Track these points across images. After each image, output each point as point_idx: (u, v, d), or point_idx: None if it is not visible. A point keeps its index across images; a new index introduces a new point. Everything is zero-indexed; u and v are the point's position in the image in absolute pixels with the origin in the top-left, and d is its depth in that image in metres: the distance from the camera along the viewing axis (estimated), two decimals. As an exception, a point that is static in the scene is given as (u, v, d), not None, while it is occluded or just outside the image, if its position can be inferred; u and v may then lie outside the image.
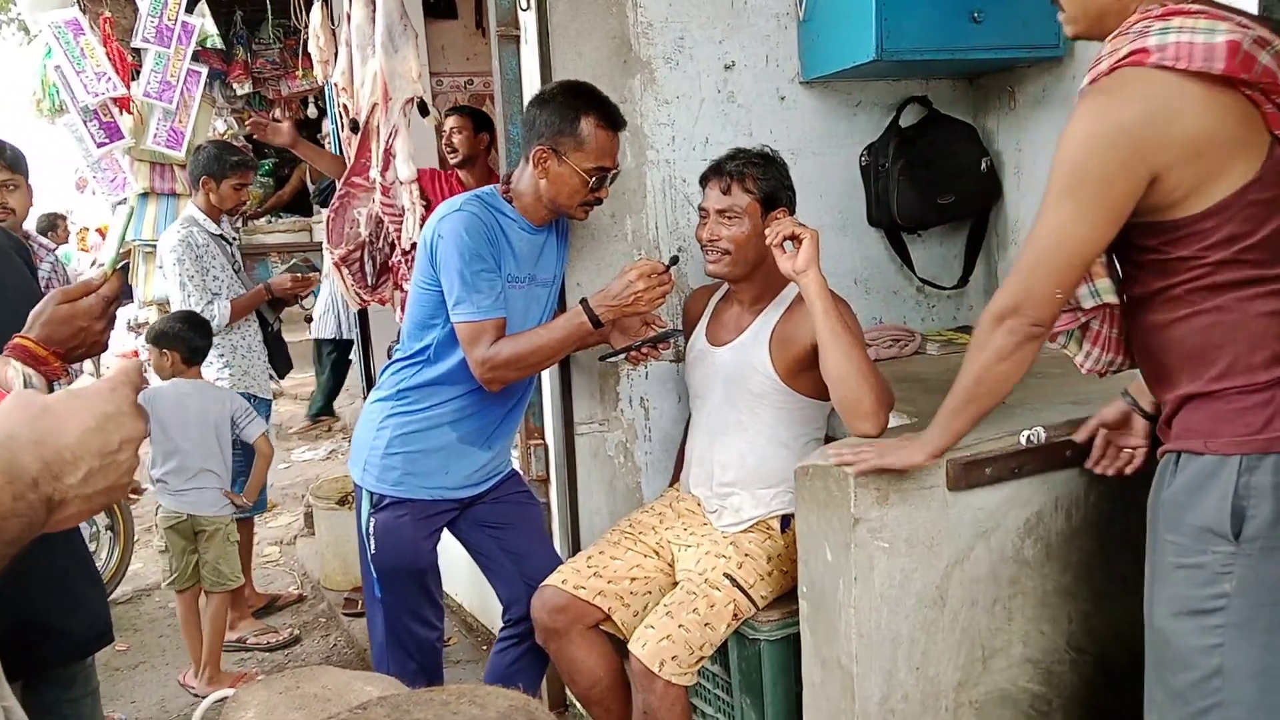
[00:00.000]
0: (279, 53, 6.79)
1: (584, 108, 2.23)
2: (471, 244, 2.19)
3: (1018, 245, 2.96)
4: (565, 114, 2.22)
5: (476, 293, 2.18)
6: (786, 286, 2.33)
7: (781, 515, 2.31)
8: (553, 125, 2.22)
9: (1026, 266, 1.57)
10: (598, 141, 2.23)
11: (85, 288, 1.64)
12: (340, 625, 3.96)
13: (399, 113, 3.11)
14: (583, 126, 2.21)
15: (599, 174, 2.26)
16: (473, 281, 2.18)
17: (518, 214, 2.31)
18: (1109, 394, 2.20)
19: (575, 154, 2.22)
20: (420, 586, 2.45)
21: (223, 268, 3.76)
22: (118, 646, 3.90)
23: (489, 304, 2.19)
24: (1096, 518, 2.06)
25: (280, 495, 5.59)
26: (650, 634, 2.15)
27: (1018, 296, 1.57)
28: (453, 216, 2.23)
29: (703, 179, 2.37)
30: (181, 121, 4.92)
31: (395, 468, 2.36)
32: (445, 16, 4.89)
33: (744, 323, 2.36)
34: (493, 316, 2.20)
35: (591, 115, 2.23)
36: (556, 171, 2.24)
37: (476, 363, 2.21)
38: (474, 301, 2.18)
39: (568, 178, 2.24)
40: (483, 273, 2.19)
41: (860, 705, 1.89)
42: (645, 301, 2.20)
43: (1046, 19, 2.61)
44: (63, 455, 0.78)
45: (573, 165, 2.23)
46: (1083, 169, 1.51)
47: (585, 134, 2.21)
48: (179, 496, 3.38)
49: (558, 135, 2.22)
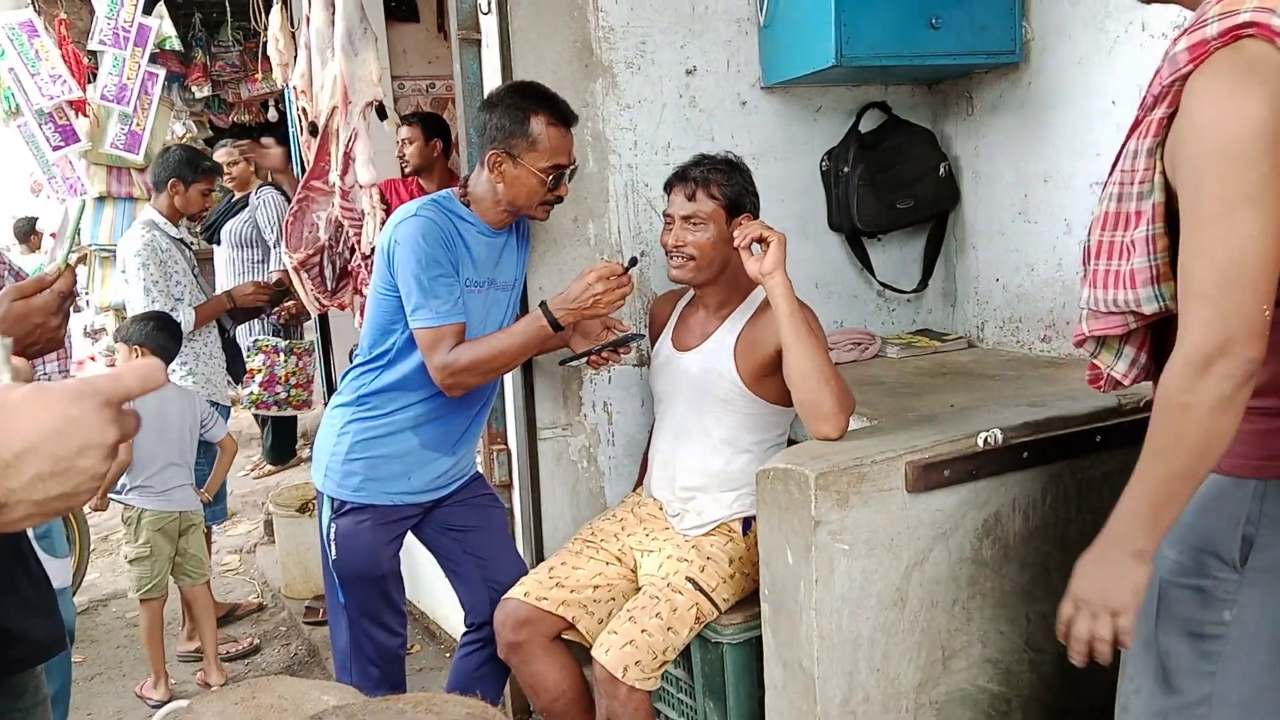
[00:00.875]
0: (238, 55, 6.73)
1: (533, 107, 2.22)
2: (428, 249, 2.17)
3: (976, 249, 3.00)
4: (515, 115, 2.21)
5: (435, 298, 2.17)
6: (752, 293, 2.34)
7: (743, 518, 2.32)
8: (503, 128, 2.21)
9: (1216, 292, 1.27)
10: (550, 140, 2.22)
11: (39, 283, 1.60)
12: (301, 634, 3.92)
13: (359, 116, 3.09)
14: (533, 126, 2.20)
15: (555, 172, 2.25)
16: (430, 287, 2.17)
17: (476, 218, 2.30)
18: (1065, 396, 2.23)
19: (529, 154, 2.21)
20: (382, 593, 2.43)
21: (184, 273, 3.72)
22: (74, 658, 3.83)
23: (447, 309, 2.18)
24: (1053, 519, 2.08)
25: (240, 503, 5.53)
26: (613, 640, 2.15)
27: (1221, 331, 1.26)
28: (409, 221, 2.21)
29: (667, 185, 2.37)
30: (139, 125, 4.86)
31: (356, 473, 2.34)
32: (406, 20, 4.87)
33: (709, 329, 2.37)
34: (451, 322, 2.19)
35: (541, 114, 2.21)
36: (513, 174, 2.23)
37: (436, 369, 2.19)
38: (432, 307, 2.17)
39: (524, 179, 2.23)
40: (440, 278, 2.18)
41: (822, 707, 1.90)
42: (605, 304, 2.19)
43: (1004, 25, 2.66)
44: (2, 457, 0.73)
45: (528, 166, 2.21)
46: (1256, 165, 1.24)
47: (537, 133, 2.20)
48: (166, 497, 3.39)
49: (509, 137, 2.21)
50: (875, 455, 1.86)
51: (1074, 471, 2.09)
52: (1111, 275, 1.42)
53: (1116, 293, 1.41)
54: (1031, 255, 2.81)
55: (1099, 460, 2.11)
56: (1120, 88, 2.46)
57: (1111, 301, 1.43)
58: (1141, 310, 1.40)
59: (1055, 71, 2.66)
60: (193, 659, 3.70)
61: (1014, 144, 2.82)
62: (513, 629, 2.31)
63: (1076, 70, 2.59)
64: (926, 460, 1.90)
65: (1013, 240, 2.87)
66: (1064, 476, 2.07)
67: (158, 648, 3.44)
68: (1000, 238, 2.91)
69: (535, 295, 2.58)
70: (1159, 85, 1.34)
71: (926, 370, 2.71)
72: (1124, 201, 1.40)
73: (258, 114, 7.41)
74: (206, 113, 7.51)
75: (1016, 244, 2.85)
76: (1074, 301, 2.67)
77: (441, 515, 2.49)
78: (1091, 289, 1.46)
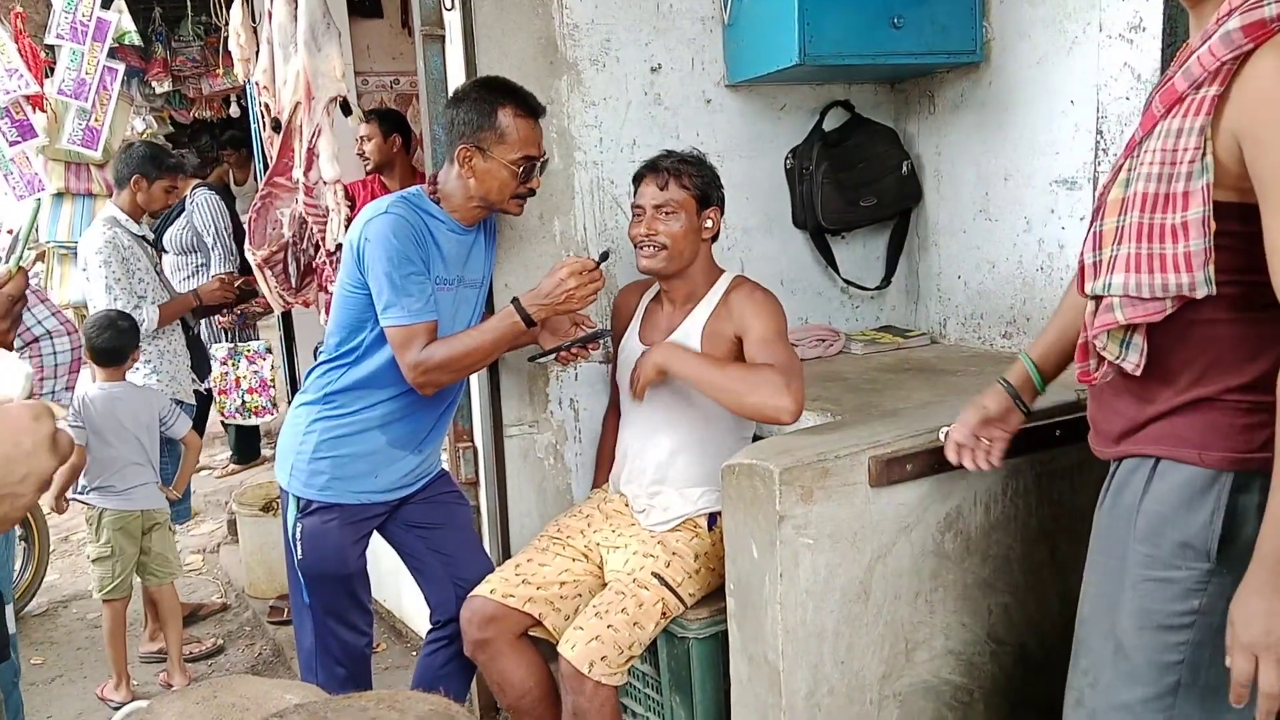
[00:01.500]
0: (199, 50, 6.64)
1: (500, 99, 2.21)
2: (400, 247, 2.16)
3: (938, 246, 3.03)
4: (482, 109, 2.20)
5: (407, 296, 2.16)
6: (715, 284, 2.37)
7: (708, 513, 2.33)
8: (471, 122, 2.21)
9: None
10: (519, 131, 2.22)
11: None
12: (266, 634, 3.89)
13: (322, 112, 3.06)
14: (501, 118, 2.20)
15: (526, 164, 2.24)
16: (402, 285, 2.15)
17: (446, 215, 2.29)
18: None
19: (499, 147, 2.20)
20: (349, 592, 2.42)
21: (146, 270, 3.69)
22: (33, 660, 3.78)
23: (419, 307, 2.17)
24: (1014, 512, 2.11)
25: (203, 503, 5.47)
26: (579, 635, 2.16)
27: None
28: (380, 219, 2.19)
29: (637, 177, 2.39)
30: (97, 120, 4.77)
31: (323, 472, 2.33)
32: (370, 15, 4.83)
33: (675, 322, 2.38)
34: (424, 320, 2.18)
35: (509, 105, 2.21)
36: (484, 168, 2.22)
37: (409, 367, 2.18)
38: (404, 305, 2.16)
39: (495, 172, 2.22)
40: (412, 275, 2.17)
41: (787, 700, 1.91)
42: (578, 299, 2.20)
43: (964, 25, 2.69)
44: None
45: (498, 159, 2.21)
46: None
47: (505, 125, 2.20)
48: (127, 496, 3.35)
49: (478, 131, 2.20)
50: (839, 450, 1.88)
51: (1034, 465, 2.12)
52: (1156, 259, 1.36)
53: (1165, 277, 1.35)
54: (992, 252, 2.84)
55: (1059, 454, 2.14)
56: (1078, 87, 2.50)
57: (1160, 287, 1.36)
58: (1194, 294, 1.34)
59: (1015, 71, 2.69)
60: (155, 660, 3.66)
61: (975, 142, 2.85)
62: (479, 626, 2.31)
63: (1036, 70, 2.63)
64: (889, 455, 1.92)
65: (974, 238, 2.90)
66: (1024, 470, 2.10)
67: (120, 649, 3.40)
68: (962, 235, 2.94)
69: (501, 292, 2.58)
70: (1207, 64, 1.31)
71: (890, 366, 2.73)
72: (1168, 182, 1.34)
73: (219, 109, 7.32)
74: (167, 108, 7.41)
75: (978, 241, 2.89)
76: (1034, 298, 2.71)
77: (407, 513, 2.48)
78: (1128, 274, 1.39)
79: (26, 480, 0.77)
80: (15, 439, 0.76)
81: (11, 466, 0.75)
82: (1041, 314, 2.69)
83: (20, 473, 0.76)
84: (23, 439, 0.76)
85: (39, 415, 0.78)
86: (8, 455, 0.75)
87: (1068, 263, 2.60)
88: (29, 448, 0.76)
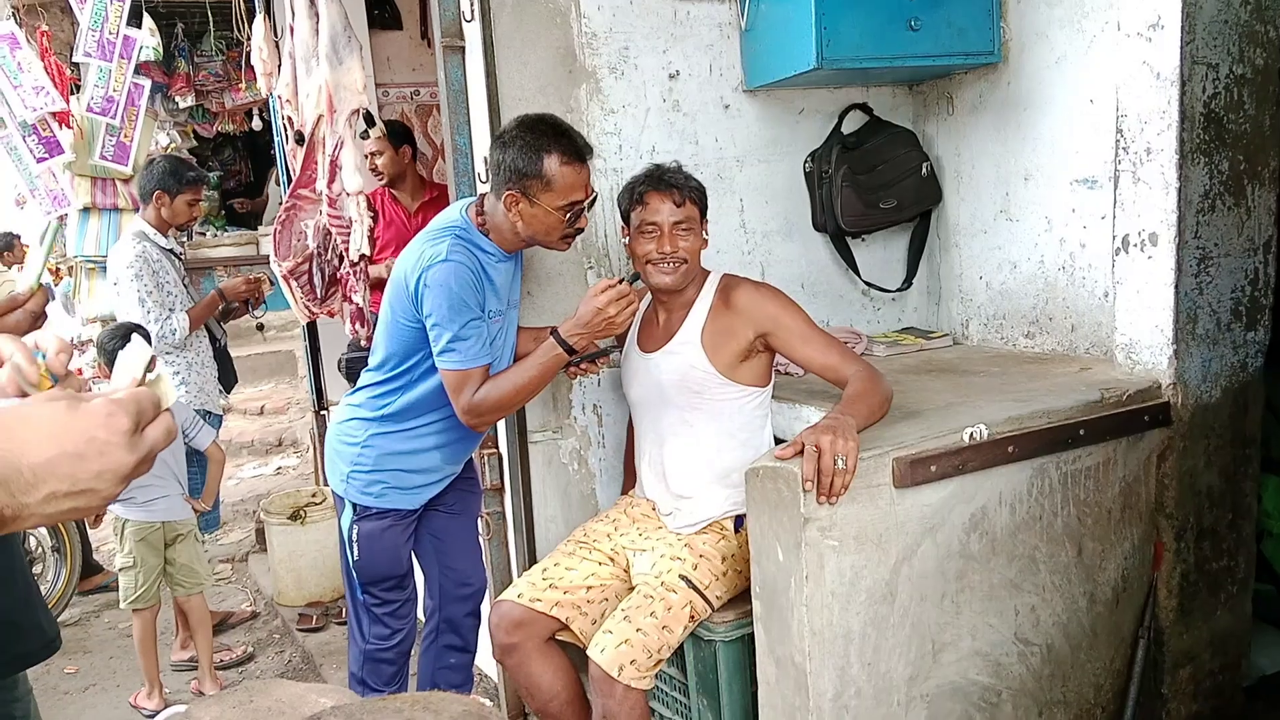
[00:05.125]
0: (221, 65, 6.72)
1: (547, 146, 2.18)
2: (460, 294, 2.18)
3: (959, 248, 3.03)
4: (529, 156, 2.17)
5: (463, 341, 2.19)
6: (704, 286, 2.39)
7: (735, 515, 2.34)
8: (518, 169, 2.18)
9: None
10: (565, 179, 2.19)
11: (11, 303, 1.62)
12: (295, 641, 3.92)
13: (345, 124, 3.10)
14: (547, 166, 2.17)
15: (573, 208, 2.23)
16: (460, 332, 2.19)
17: (495, 246, 2.30)
18: (1049, 391, 2.26)
19: (545, 195, 2.19)
20: (400, 589, 2.56)
21: (175, 283, 3.73)
22: (67, 669, 3.83)
23: (476, 351, 2.21)
24: (1039, 512, 2.11)
25: (230, 512, 5.52)
26: (608, 639, 2.17)
27: None
28: (441, 267, 2.18)
29: (638, 194, 2.33)
30: (127, 136, 4.85)
31: (381, 481, 2.44)
32: (390, 27, 4.87)
33: (674, 326, 2.39)
34: (479, 364, 2.22)
35: (555, 153, 2.17)
36: (530, 214, 2.21)
37: (463, 410, 2.24)
38: (461, 350, 2.19)
39: (542, 218, 2.22)
40: (471, 322, 2.20)
41: (814, 702, 1.92)
42: (617, 324, 2.23)
43: (982, 26, 2.70)
44: (23, 475, 0.74)
45: (545, 206, 2.20)
46: None
47: (551, 173, 2.17)
48: (148, 508, 3.38)
49: (524, 179, 2.18)
50: (863, 452, 1.88)
51: (1058, 465, 2.12)
52: None
53: None
54: (1014, 253, 2.84)
55: (1083, 453, 2.14)
56: (1097, 86, 2.49)
57: None
58: None
59: (1034, 71, 2.69)
60: (186, 668, 3.70)
61: (994, 143, 2.85)
62: (506, 631, 2.32)
63: (1054, 70, 2.62)
64: (913, 456, 1.93)
65: (995, 238, 2.90)
66: (1049, 470, 2.10)
67: (151, 657, 3.44)
68: (983, 236, 2.94)
69: (524, 300, 2.60)
70: None
71: (913, 368, 2.73)
72: None
73: (242, 123, 7.40)
74: (190, 123, 7.49)
75: (999, 242, 2.88)
76: (1056, 297, 2.71)
77: (428, 518, 2.61)
78: None
79: (102, 476, 0.77)
80: (89, 434, 0.77)
81: (84, 463, 0.76)
82: (1064, 313, 2.69)
83: (94, 469, 0.77)
84: (97, 434, 0.77)
85: (113, 412, 0.78)
86: (80, 452, 0.76)
87: (1090, 261, 2.60)
88: (101, 445, 0.77)
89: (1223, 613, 2.41)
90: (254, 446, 6.68)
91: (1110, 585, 2.24)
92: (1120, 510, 2.23)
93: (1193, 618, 2.36)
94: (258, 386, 7.26)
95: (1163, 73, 2.16)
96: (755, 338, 2.28)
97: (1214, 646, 2.41)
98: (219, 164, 8.77)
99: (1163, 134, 2.18)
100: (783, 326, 2.27)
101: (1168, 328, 2.23)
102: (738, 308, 2.31)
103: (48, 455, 0.75)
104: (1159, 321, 2.25)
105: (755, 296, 2.32)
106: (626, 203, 2.37)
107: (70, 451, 0.76)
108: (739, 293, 2.33)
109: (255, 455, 6.57)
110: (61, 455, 0.75)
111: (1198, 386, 2.27)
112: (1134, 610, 2.29)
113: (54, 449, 0.75)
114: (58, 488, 0.75)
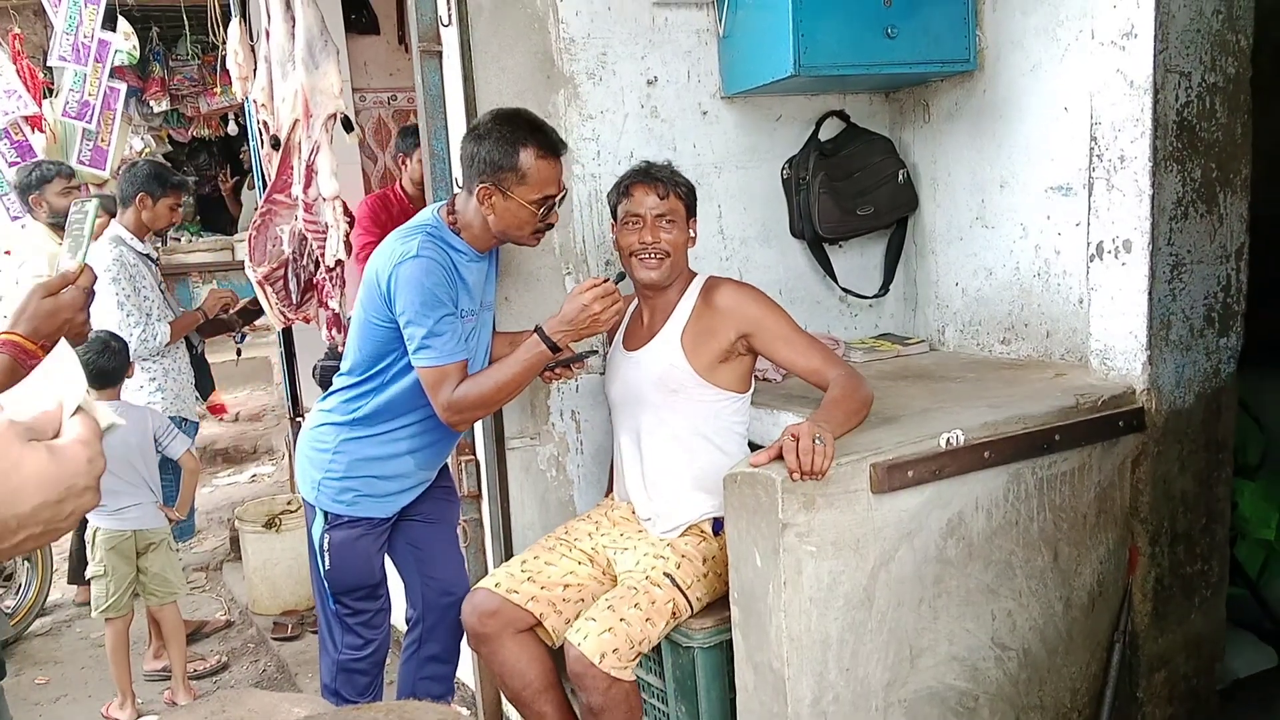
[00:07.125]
0: (197, 69, 6.68)
1: (522, 139, 2.18)
2: (432, 290, 2.16)
3: (935, 254, 3.04)
4: (504, 149, 2.17)
5: (438, 337, 2.17)
6: (688, 288, 2.40)
7: (713, 519, 2.34)
8: (492, 162, 2.17)
9: None
10: (540, 172, 2.19)
11: (64, 280, 1.68)
12: (270, 650, 3.89)
13: (321, 129, 3.08)
14: (522, 159, 2.17)
15: (546, 203, 2.23)
16: (434, 328, 2.17)
17: (466, 245, 2.29)
18: (1024, 397, 2.27)
19: (519, 188, 2.18)
20: (373, 599, 2.51)
21: (151, 287, 3.69)
22: (38, 679, 3.78)
23: (451, 346, 2.19)
24: (1015, 517, 2.12)
25: (204, 520, 5.47)
26: (591, 626, 2.16)
27: None
28: (412, 263, 2.17)
29: (625, 187, 2.38)
30: (104, 140, 4.81)
31: (353, 489, 2.40)
32: (367, 32, 4.85)
33: (655, 326, 2.41)
34: (456, 360, 2.19)
35: (530, 146, 2.18)
36: (503, 207, 2.21)
37: (443, 407, 2.21)
38: (436, 346, 2.17)
39: (515, 211, 2.21)
40: (445, 318, 2.18)
41: (793, 708, 1.92)
42: (602, 321, 2.21)
43: (957, 34, 2.71)
44: (8, 524, 0.76)
45: (518, 199, 2.19)
46: None
47: (526, 166, 2.17)
48: (119, 516, 3.33)
49: (498, 171, 2.17)
50: (840, 457, 1.89)
51: (1034, 470, 2.13)
52: None
53: None
54: (990, 259, 2.85)
55: (1058, 459, 2.15)
56: (1072, 94, 2.51)
57: None
58: None
59: (1009, 79, 2.71)
60: (159, 678, 3.66)
61: (970, 150, 2.87)
62: (480, 620, 2.33)
63: (1029, 78, 2.64)
64: (890, 461, 1.93)
65: (971, 245, 2.91)
66: (1024, 475, 2.11)
67: (123, 667, 3.39)
68: (959, 242, 2.96)
69: (502, 305, 2.59)
70: None
71: (889, 374, 2.74)
72: None
73: (217, 127, 7.36)
74: (165, 127, 7.44)
75: (975, 249, 2.90)
76: (1031, 304, 2.73)
77: (404, 527, 2.57)
78: None
79: (71, 517, 0.79)
80: (70, 480, 0.78)
81: (61, 508, 0.78)
82: (1039, 320, 2.70)
83: (68, 510, 0.78)
84: (77, 481, 0.78)
85: (93, 458, 0.80)
86: (60, 499, 0.77)
87: (1064, 268, 2.61)
88: (80, 490, 0.78)
89: (1197, 616, 2.43)
90: (229, 454, 6.62)
91: (1085, 590, 2.25)
92: (1095, 515, 2.24)
93: (1167, 622, 2.38)
94: (233, 393, 7.19)
95: (1136, 81, 2.18)
96: (737, 338, 2.29)
97: (1188, 650, 2.43)
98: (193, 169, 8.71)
99: (1136, 142, 2.20)
100: (765, 328, 2.28)
101: (1142, 334, 2.25)
102: (720, 308, 2.32)
103: (32, 505, 0.76)
104: (1133, 328, 2.27)
105: (738, 297, 2.33)
106: (615, 197, 2.40)
107: (52, 500, 0.77)
108: (721, 293, 2.35)
109: (230, 463, 6.51)
110: (44, 504, 0.77)
111: (1171, 392, 2.29)
112: (1109, 615, 2.30)
113: (39, 498, 0.77)
114: (33, 531, 0.77)
